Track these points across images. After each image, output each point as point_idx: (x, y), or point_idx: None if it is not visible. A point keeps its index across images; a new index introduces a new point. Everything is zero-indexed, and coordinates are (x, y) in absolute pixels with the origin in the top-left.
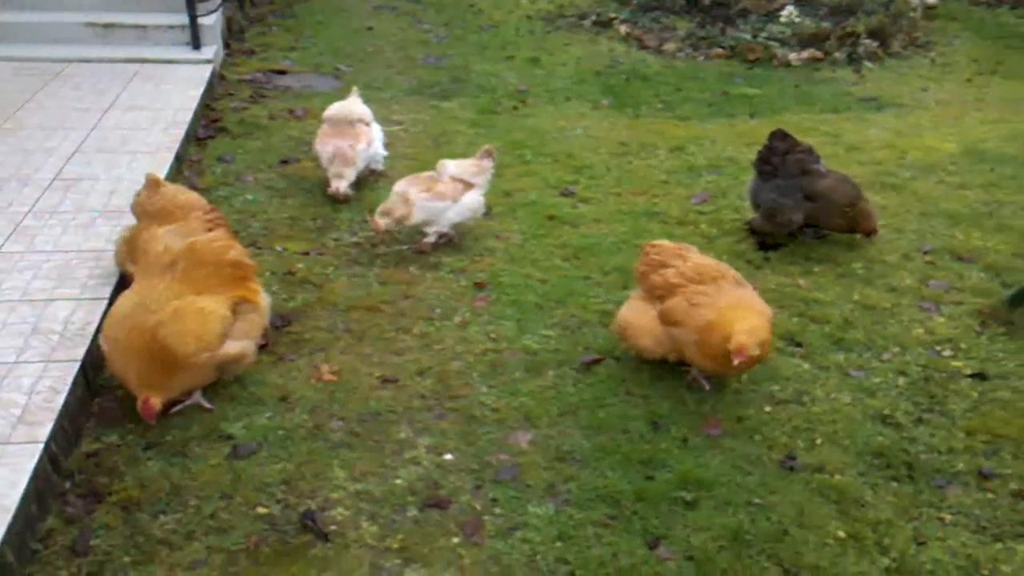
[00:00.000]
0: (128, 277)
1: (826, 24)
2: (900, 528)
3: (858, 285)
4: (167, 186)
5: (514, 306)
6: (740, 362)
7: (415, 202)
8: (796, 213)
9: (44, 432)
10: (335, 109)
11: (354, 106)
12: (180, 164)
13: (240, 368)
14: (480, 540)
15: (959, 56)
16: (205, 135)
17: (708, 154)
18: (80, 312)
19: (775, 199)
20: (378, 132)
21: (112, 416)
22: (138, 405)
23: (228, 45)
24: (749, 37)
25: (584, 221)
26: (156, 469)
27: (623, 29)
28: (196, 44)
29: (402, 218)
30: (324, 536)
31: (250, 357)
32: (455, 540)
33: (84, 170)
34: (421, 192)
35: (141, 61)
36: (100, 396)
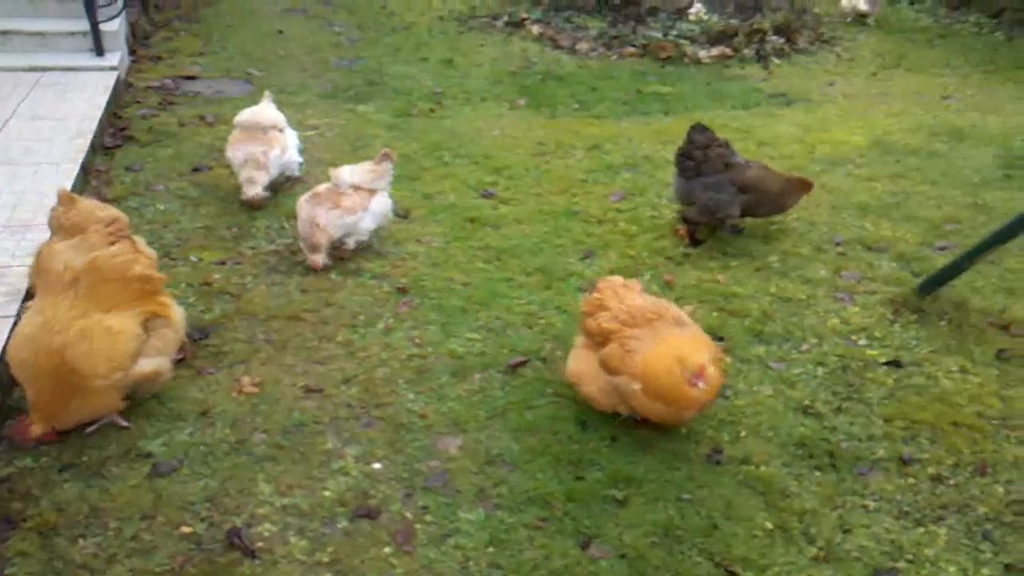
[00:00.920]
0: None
1: (733, 21)
2: (825, 516)
3: (775, 278)
4: (82, 201)
5: (438, 310)
6: (700, 387)
7: (330, 223)
8: (734, 208)
9: None
10: (247, 114)
11: (267, 111)
12: (86, 175)
13: (156, 386)
14: (412, 549)
15: (863, 51)
16: (112, 144)
17: (625, 152)
18: None
19: (712, 197)
20: (293, 138)
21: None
22: (13, 426)
23: (134, 51)
24: (660, 35)
25: (505, 222)
26: (73, 492)
27: (536, 29)
28: (99, 51)
29: (328, 241)
30: (251, 553)
31: (166, 374)
32: (387, 550)
33: None
34: (330, 211)
35: (42, 69)
36: (11, 418)
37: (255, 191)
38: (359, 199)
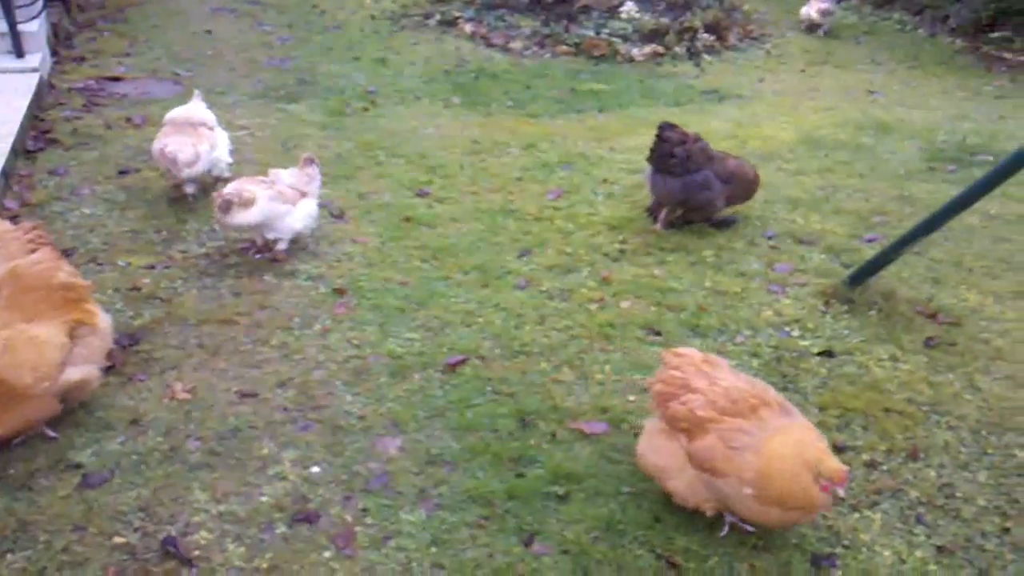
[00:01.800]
0: None
1: (665, 19)
2: None
3: (709, 272)
4: None
5: (375, 310)
6: (839, 493)
7: (258, 197)
8: (720, 200)
9: None
10: (178, 111)
11: (197, 110)
12: (7, 180)
13: (85, 394)
14: (353, 552)
15: (792, 47)
16: (35, 147)
17: (559, 150)
18: None
19: (708, 197)
20: (223, 138)
21: None
22: None
23: (56, 52)
24: (593, 33)
25: (441, 221)
26: (0, 505)
27: (469, 28)
28: (19, 52)
29: (247, 201)
30: (188, 562)
31: (94, 382)
32: (327, 554)
33: None
34: (264, 190)
35: None
36: None
37: (182, 174)
38: (292, 194)
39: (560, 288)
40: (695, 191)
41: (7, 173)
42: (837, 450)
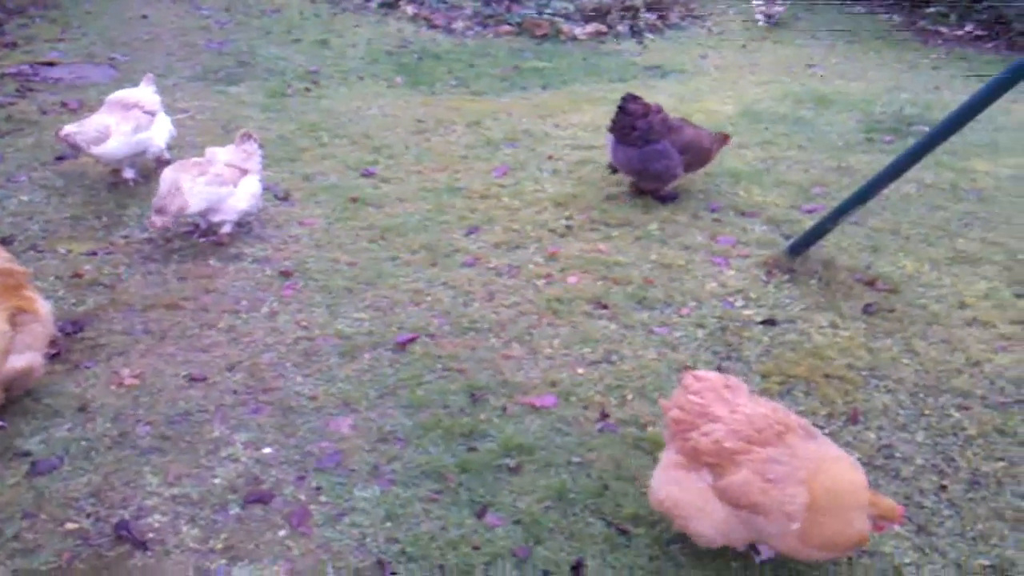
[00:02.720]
0: None
1: None
2: None
3: (655, 245)
4: None
5: (324, 292)
6: (895, 529)
7: (192, 189)
8: (679, 168)
9: None
10: (118, 93)
11: (135, 93)
12: None
13: (29, 382)
14: (308, 530)
15: (733, 25)
16: None
17: (504, 127)
18: None
19: (666, 165)
20: (163, 122)
21: None
22: None
23: None
24: (535, 13)
25: (387, 201)
26: None
27: (410, 9)
28: None
29: (179, 210)
30: (142, 545)
31: (38, 370)
32: (282, 533)
33: None
34: (197, 177)
35: None
36: None
37: (81, 142)
38: (231, 173)
39: (508, 265)
40: (652, 161)
41: None
42: None
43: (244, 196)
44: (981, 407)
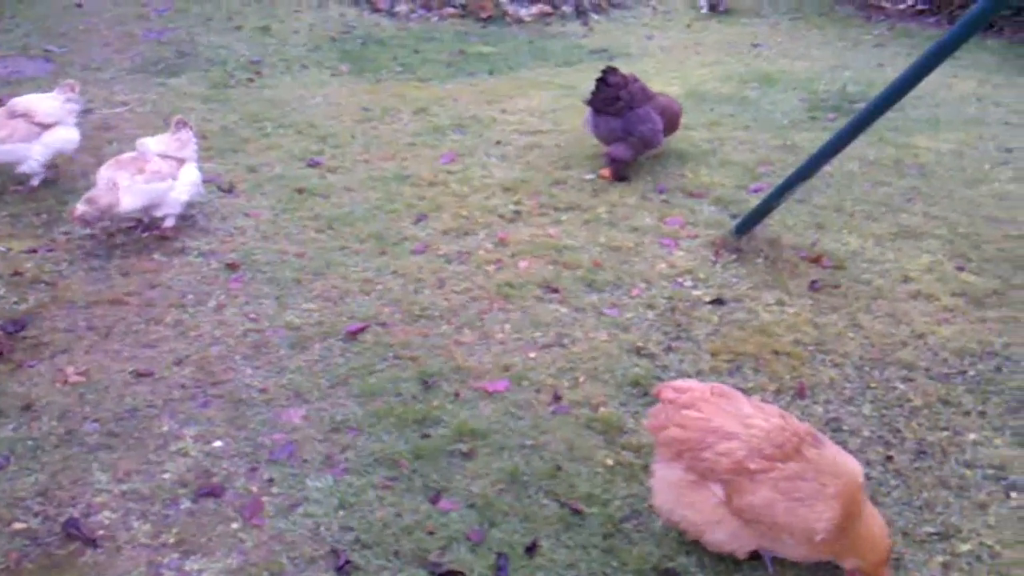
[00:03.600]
0: None
1: None
2: None
3: (604, 228)
4: None
5: (272, 283)
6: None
7: (132, 188)
8: (661, 132)
9: None
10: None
11: (30, 101)
12: None
13: None
14: (260, 521)
15: (678, 4)
16: None
17: (451, 114)
18: None
19: (651, 128)
20: (59, 133)
21: None
22: None
23: None
24: None
25: (334, 191)
26: None
27: None
28: None
29: (109, 207)
30: (92, 542)
31: None
32: (234, 525)
33: None
34: (135, 175)
35: None
36: None
37: None
38: (168, 167)
39: (458, 251)
40: (637, 124)
41: None
42: None
43: (185, 187)
44: (925, 378)
